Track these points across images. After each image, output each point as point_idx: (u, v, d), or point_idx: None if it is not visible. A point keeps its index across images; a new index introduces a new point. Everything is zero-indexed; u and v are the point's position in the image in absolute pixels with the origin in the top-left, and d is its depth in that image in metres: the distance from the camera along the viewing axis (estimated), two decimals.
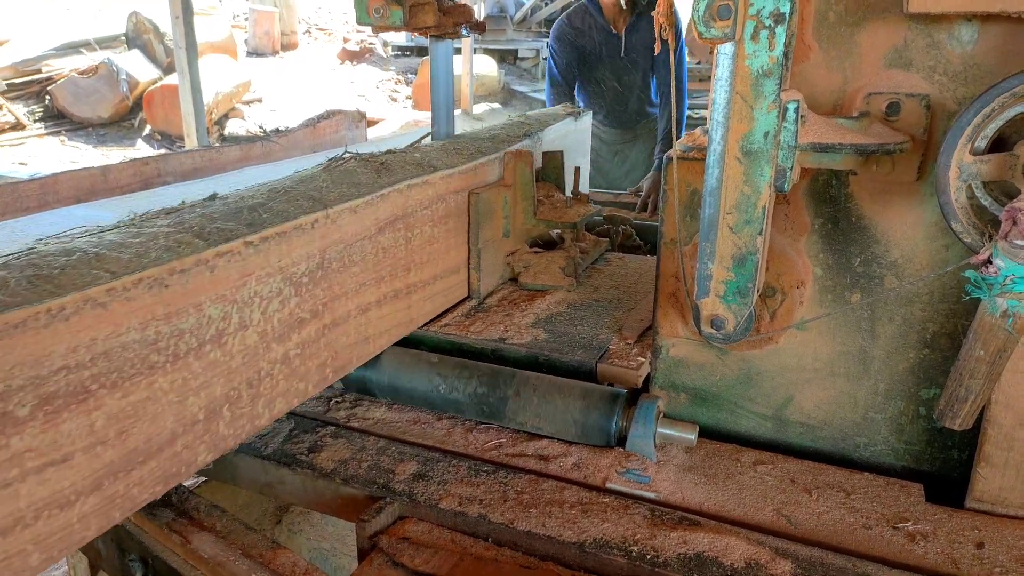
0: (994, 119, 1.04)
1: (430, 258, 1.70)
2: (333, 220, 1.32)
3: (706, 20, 1.07)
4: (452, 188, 1.76)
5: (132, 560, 1.28)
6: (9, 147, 8.52)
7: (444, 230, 1.75)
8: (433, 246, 1.70)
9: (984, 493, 1.30)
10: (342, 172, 1.50)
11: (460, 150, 1.91)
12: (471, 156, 1.90)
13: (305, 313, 1.28)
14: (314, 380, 1.33)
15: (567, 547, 1.22)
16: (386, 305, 1.53)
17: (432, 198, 1.67)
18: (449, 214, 1.76)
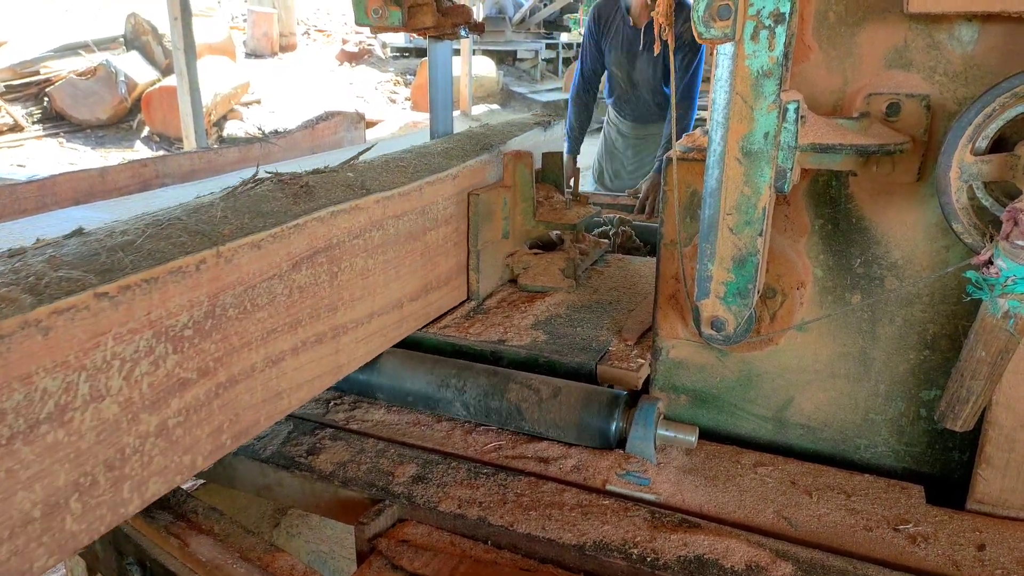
0: (995, 119, 1.04)
1: (365, 293, 1.47)
2: (228, 259, 1.11)
3: (706, 20, 1.07)
4: (391, 213, 1.52)
5: (130, 563, 1.27)
6: (7, 149, 8.51)
7: (382, 261, 1.51)
8: (367, 279, 1.47)
9: (985, 495, 1.29)
10: (250, 198, 1.29)
11: (404, 168, 1.68)
12: (415, 175, 1.66)
13: (189, 372, 1.06)
14: (205, 450, 1.12)
15: (567, 550, 1.22)
16: (306, 352, 1.32)
17: (365, 225, 1.44)
18: (387, 242, 1.52)
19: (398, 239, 1.57)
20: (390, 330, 1.60)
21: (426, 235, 1.68)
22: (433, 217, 1.71)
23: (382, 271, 1.53)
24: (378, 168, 1.62)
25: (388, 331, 1.60)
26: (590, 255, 2.37)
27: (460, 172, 1.81)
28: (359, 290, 1.46)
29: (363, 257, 1.46)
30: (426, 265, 1.71)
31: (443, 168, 1.76)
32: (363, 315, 1.48)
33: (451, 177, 1.78)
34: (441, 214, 1.74)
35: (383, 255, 1.52)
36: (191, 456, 1.10)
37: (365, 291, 1.47)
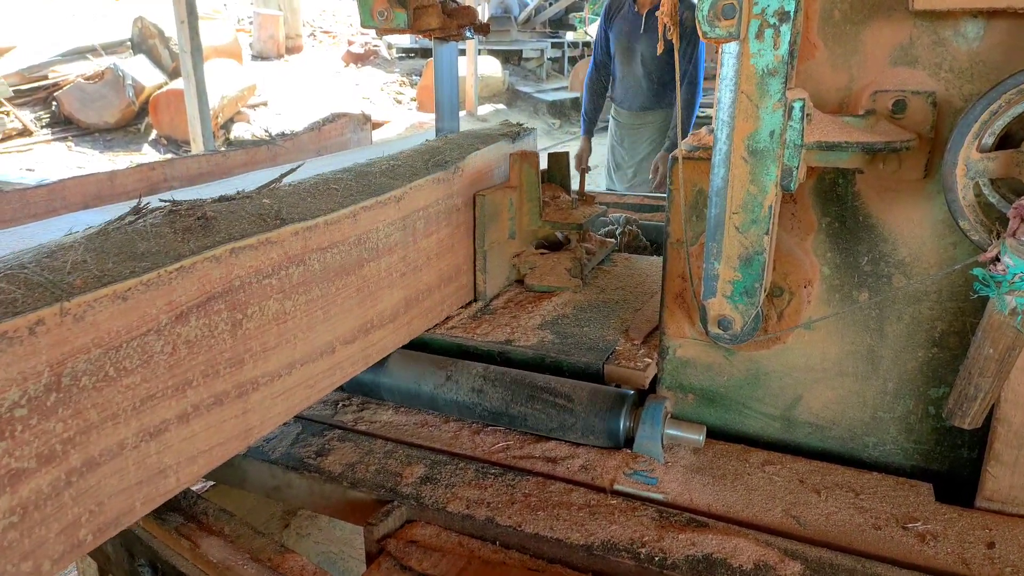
0: (1001, 116, 1.03)
1: (282, 341, 1.25)
2: (78, 317, 0.91)
3: (710, 19, 1.07)
4: (315, 245, 1.30)
5: (141, 565, 1.28)
6: (16, 153, 8.57)
7: (304, 301, 1.29)
8: (285, 325, 1.25)
9: (994, 492, 1.29)
10: (125, 236, 1.05)
11: (335, 191, 1.45)
12: (348, 199, 1.42)
13: (25, 461, 0.87)
14: (55, 552, 0.92)
15: (575, 550, 1.22)
16: (199, 418, 1.10)
17: (279, 262, 1.23)
18: (310, 280, 1.30)
19: (326, 275, 1.34)
20: (320, 379, 1.36)
21: (364, 267, 1.44)
22: (372, 247, 1.46)
23: (304, 313, 1.29)
24: (304, 193, 1.38)
25: (317, 381, 1.36)
26: (596, 255, 2.37)
27: (406, 193, 1.56)
28: (273, 338, 1.23)
29: (278, 299, 1.23)
30: (365, 302, 1.46)
31: (384, 190, 1.50)
32: (280, 366, 1.25)
33: (394, 200, 1.52)
34: (383, 242, 1.49)
35: (305, 295, 1.29)
36: (32, 562, 0.89)
37: (282, 339, 1.25)
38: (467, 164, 1.85)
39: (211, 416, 1.13)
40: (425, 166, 1.73)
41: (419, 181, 1.62)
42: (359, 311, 1.46)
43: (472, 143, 1.98)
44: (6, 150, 8.59)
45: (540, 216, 2.19)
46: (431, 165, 1.74)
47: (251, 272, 1.17)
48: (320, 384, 1.37)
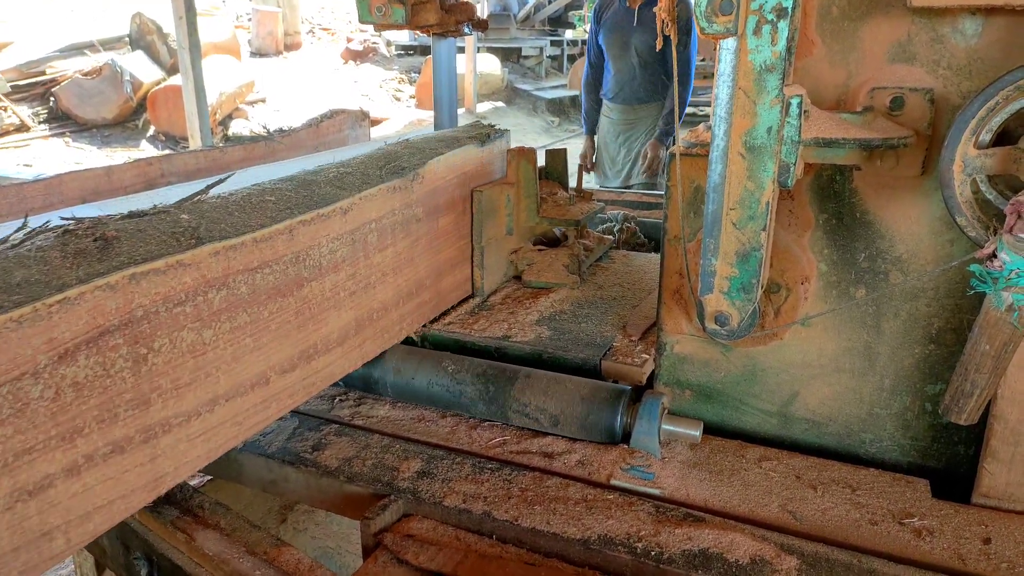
0: (998, 112, 1.04)
1: (200, 375, 1.11)
2: None
3: (708, 15, 1.07)
4: (241, 266, 1.16)
5: (136, 558, 1.28)
6: (14, 149, 8.55)
7: (228, 329, 1.15)
8: (203, 357, 1.11)
9: (991, 488, 1.29)
10: (1, 263, 0.92)
11: (270, 203, 1.30)
12: (283, 213, 1.27)
13: None
14: None
15: (572, 544, 1.22)
16: (94, 469, 0.97)
17: (196, 286, 1.08)
18: (236, 304, 1.16)
19: (256, 298, 1.19)
20: (250, 415, 1.22)
21: (304, 288, 1.30)
22: (314, 264, 1.32)
23: (229, 343, 1.15)
24: (233, 206, 1.23)
25: (247, 417, 1.21)
26: (594, 251, 2.37)
27: (354, 205, 1.41)
28: (188, 373, 1.08)
29: (195, 329, 1.09)
30: (306, 326, 1.32)
31: (329, 201, 1.36)
32: (199, 404, 1.11)
33: (340, 212, 1.37)
34: (327, 259, 1.36)
35: (230, 322, 1.15)
36: None
37: (200, 373, 1.11)
38: (428, 170, 1.68)
39: (109, 466, 0.99)
40: (379, 173, 1.55)
41: (371, 190, 1.47)
42: (298, 336, 1.31)
43: (435, 147, 1.79)
44: (3, 145, 8.58)
45: (538, 212, 2.19)
46: (386, 172, 1.57)
47: (158, 300, 1.02)
48: (251, 420, 1.22)
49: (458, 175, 1.83)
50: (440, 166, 1.74)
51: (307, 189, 1.39)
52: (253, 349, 1.20)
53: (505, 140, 2.11)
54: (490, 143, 2.00)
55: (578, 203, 2.32)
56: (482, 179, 1.96)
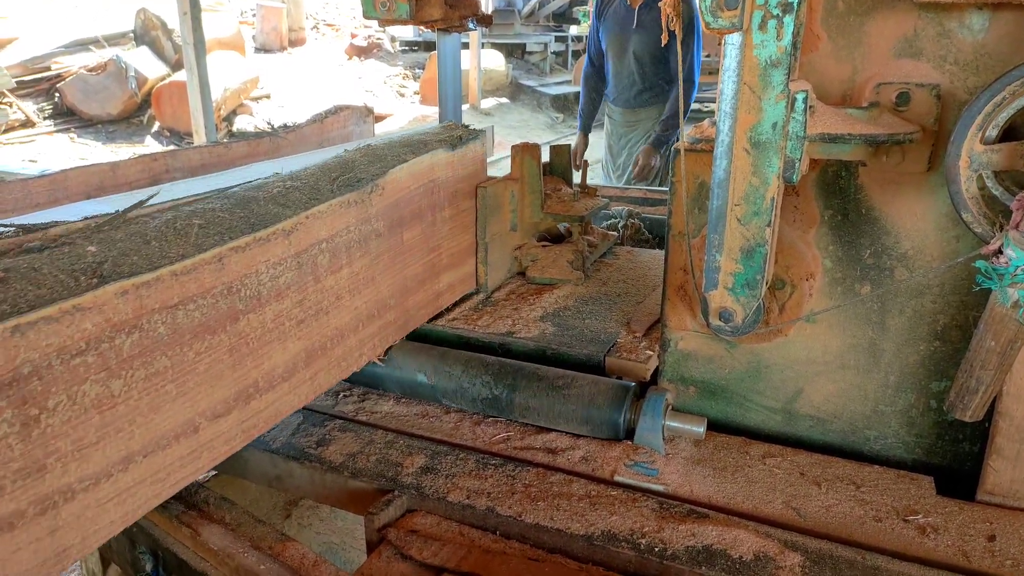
0: (1005, 108, 1.03)
1: (110, 431, 0.98)
2: None
3: (713, 10, 1.06)
4: (157, 304, 1.02)
5: (142, 552, 1.29)
6: (19, 144, 8.57)
7: (144, 376, 1.01)
8: (111, 412, 0.97)
9: (996, 486, 1.29)
10: None
11: (201, 226, 1.15)
12: (207, 241, 1.11)
13: None
14: None
15: (575, 540, 1.22)
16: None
17: (99, 333, 0.94)
18: (154, 347, 1.02)
19: (178, 338, 1.06)
20: (176, 468, 1.09)
21: (239, 322, 1.17)
22: (251, 295, 1.18)
23: (145, 392, 1.02)
24: (151, 234, 1.08)
25: (172, 471, 1.08)
26: (599, 247, 2.37)
27: (300, 224, 1.27)
28: (94, 430, 0.95)
29: (100, 380, 0.95)
30: (243, 363, 1.18)
31: (268, 222, 1.22)
32: (108, 464, 0.98)
33: (282, 234, 1.24)
34: (267, 287, 1.21)
35: (145, 368, 1.01)
36: None
37: (108, 429, 0.97)
38: (389, 181, 1.51)
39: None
40: (331, 186, 1.40)
41: (320, 207, 1.32)
42: (234, 376, 1.17)
43: (398, 153, 1.62)
44: (9, 141, 8.60)
45: (542, 208, 2.19)
46: (339, 185, 1.41)
47: (51, 352, 0.89)
48: (178, 474, 1.09)
49: (425, 184, 1.66)
50: (403, 175, 1.57)
51: (245, 208, 1.23)
52: (176, 396, 1.07)
53: (481, 142, 1.92)
54: (463, 146, 1.82)
55: (582, 199, 2.31)
56: (455, 186, 1.80)
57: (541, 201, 2.19)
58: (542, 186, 2.18)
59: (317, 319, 1.35)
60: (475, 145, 1.88)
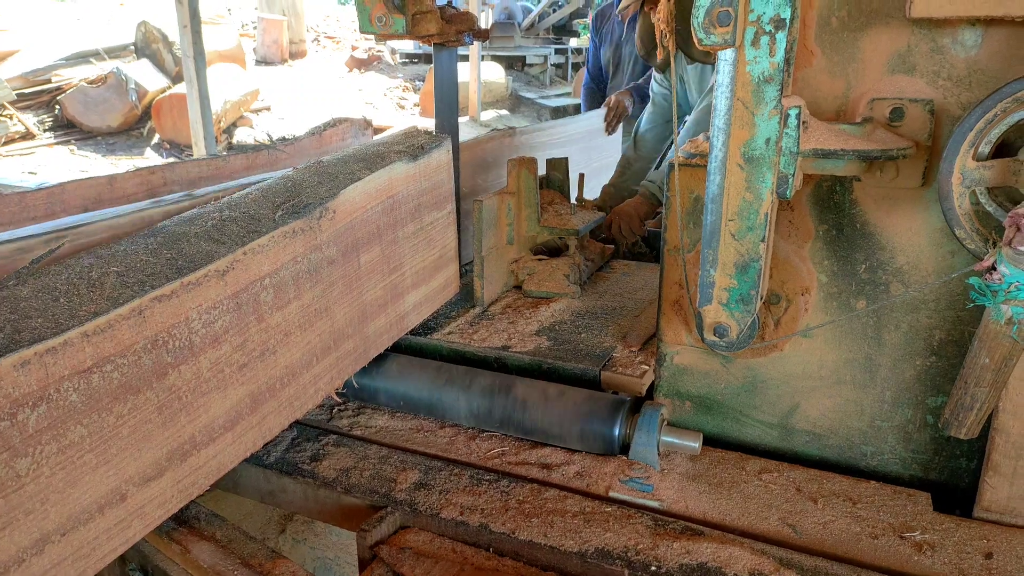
0: (997, 124, 1.03)
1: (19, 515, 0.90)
2: None
3: (706, 26, 1.06)
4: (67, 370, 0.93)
5: (132, 569, 1.28)
6: (19, 156, 8.59)
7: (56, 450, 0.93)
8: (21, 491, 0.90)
9: (992, 502, 1.28)
10: None
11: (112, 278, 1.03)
12: (124, 292, 1.01)
13: None
14: None
15: (569, 557, 1.21)
16: None
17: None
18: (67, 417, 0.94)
19: (95, 403, 0.96)
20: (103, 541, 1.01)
21: (168, 376, 1.06)
22: (181, 345, 1.08)
23: (58, 466, 0.93)
24: (60, 289, 0.98)
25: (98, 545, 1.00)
26: (595, 261, 2.37)
27: (236, 263, 1.15)
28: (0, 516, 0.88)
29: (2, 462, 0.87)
30: (175, 419, 1.08)
31: (198, 263, 1.10)
32: (19, 549, 0.90)
33: (216, 275, 1.12)
34: (200, 335, 1.11)
35: (56, 441, 0.93)
36: None
37: (17, 512, 0.90)
38: (341, 203, 1.38)
39: None
40: (273, 215, 1.27)
41: (260, 241, 1.20)
42: (165, 435, 1.07)
43: (352, 170, 1.47)
44: (9, 153, 8.62)
45: (538, 222, 2.19)
46: (282, 213, 1.28)
47: None
48: (105, 547, 1.02)
49: (383, 201, 1.51)
50: (357, 194, 1.43)
51: (173, 248, 1.12)
52: (97, 465, 0.98)
53: (446, 150, 1.75)
54: (425, 156, 1.65)
55: (579, 212, 2.31)
56: (417, 199, 1.65)
57: (538, 214, 2.18)
58: (538, 199, 2.18)
59: (263, 360, 1.25)
60: (440, 153, 1.72)
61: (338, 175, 1.45)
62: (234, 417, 1.20)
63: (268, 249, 1.23)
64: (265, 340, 1.25)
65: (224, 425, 1.18)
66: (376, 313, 1.56)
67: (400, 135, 1.79)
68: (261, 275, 1.22)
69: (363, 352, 1.54)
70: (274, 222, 1.26)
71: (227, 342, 1.17)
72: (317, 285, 1.36)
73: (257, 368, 1.24)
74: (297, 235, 1.29)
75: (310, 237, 1.32)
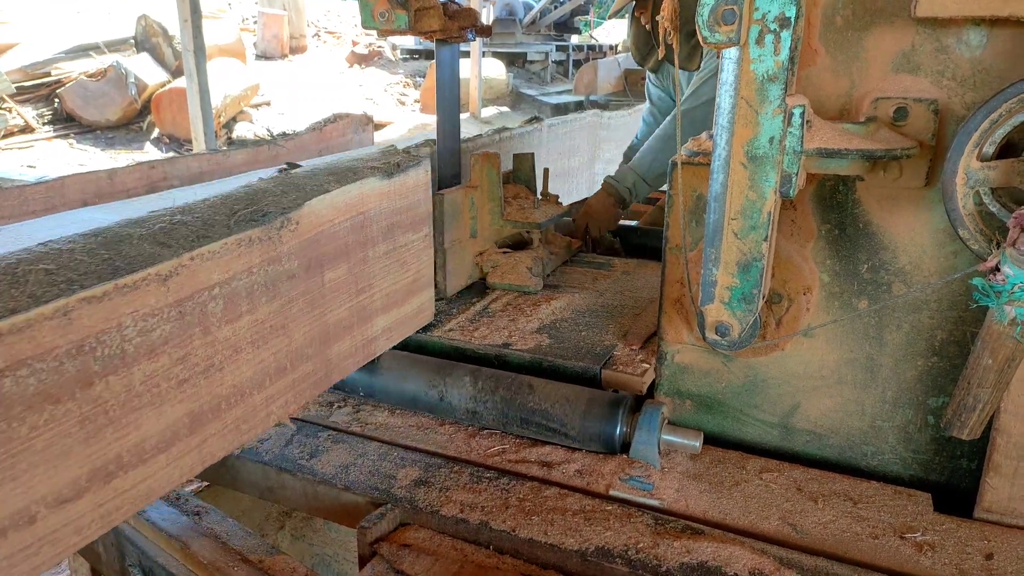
0: (1002, 124, 1.03)
1: None
2: None
3: (710, 24, 1.06)
4: None
5: (131, 565, 1.28)
6: (18, 150, 8.58)
7: None
8: None
9: (993, 503, 1.28)
10: None
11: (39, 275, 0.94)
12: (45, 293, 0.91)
13: None
14: None
15: (569, 555, 1.21)
16: None
17: None
18: None
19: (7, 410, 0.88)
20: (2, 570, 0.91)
21: (94, 386, 0.97)
22: (111, 353, 0.99)
23: None
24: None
25: None
26: (559, 255, 2.40)
27: (182, 267, 1.07)
28: None
29: None
30: (99, 435, 1.00)
31: (138, 265, 1.01)
32: None
33: (157, 279, 1.03)
34: (135, 343, 1.02)
35: None
36: None
37: None
38: (306, 214, 1.30)
39: None
40: (228, 221, 1.19)
41: (211, 246, 1.12)
42: (87, 452, 0.98)
43: (321, 182, 1.40)
44: (8, 147, 8.61)
45: (501, 215, 2.22)
46: (240, 219, 1.20)
47: None
48: None
49: (352, 217, 1.44)
50: (324, 207, 1.36)
51: (113, 248, 1.03)
52: (3, 481, 0.88)
53: (425, 170, 1.64)
54: (401, 174, 1.57)
55: (542, 206, 2.34)
56: (391, 219, 1.56)
57: (501, 208, 2.22)
58: (502, 193, 2.22)
59: (207, 377, 1.15)
60: (417, 172, 1.62)
61: (305, 186, 1.37)
62: (170, 438, 1.09)
63: (220, 256, 1.13)
64: (211, 355, 1.15)
65: (157, 446, 1.07)
66: (340, 335, 1.46)
67: (377, 152, 1.68)
68: (210, 284, 1.12)
69: (324, 376, 1.43)
70: (229, 228, 1.16)
71: (166, 354, 1.07)
72: (275, 300, 1.27)
73: (200, 385, 1.13)
74: (254, 244, 1.20)
75: (269, 247, 1.23)
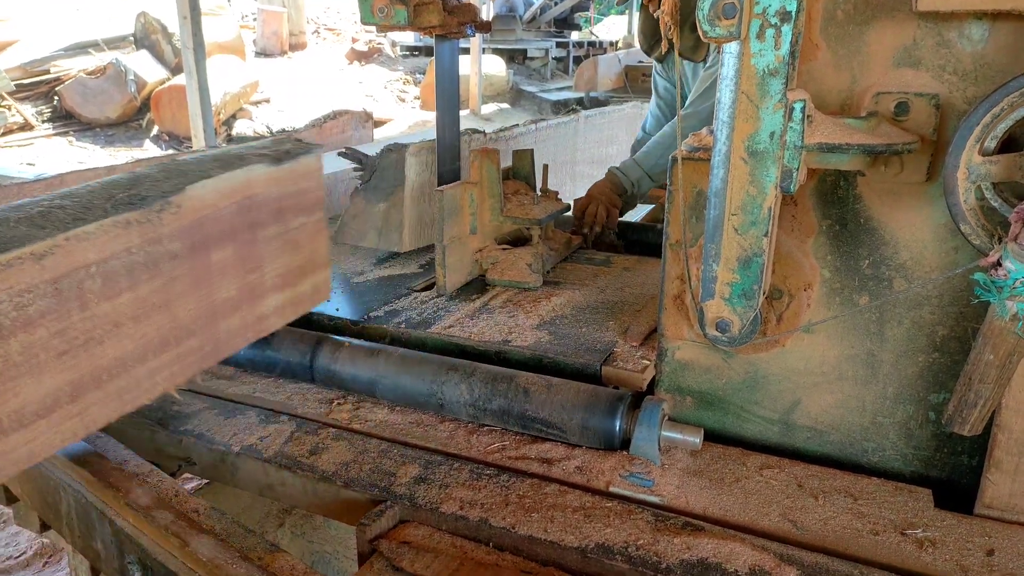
0: (1003, 119, 1.02)
1: None
2: None
3: (711, 18, 1.05)
4: None
5: (130, 562, 1.27)
6: (17, 147, 8.57)
7: None
8: None
9: (994, 499, 1.28)
10: None
11: None
12: None
13: None
14: None
15: (569, 552, 1.21)
16: None
17: None
18: None
19: None
20: None
21: None
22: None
23: None
24: None
25: None
26: (559, 251, 2.40)
27: (56, 247, 1.12)
28: None
29: None
30: None
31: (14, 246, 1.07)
32: None
33: (32, 258, 1.09)
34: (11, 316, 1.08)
35: None
36: None
37: None
38: (189, 198, 1.33)
39: None
40: (106, 204, 1.23)
41: (87, 227, 1.17)
42: None
43: (206, 168, 1.42)
44: (7, 144, 8.60)
45: (501, 211, 2.22)
46: (118, 203, 1.24)
47: None
48: None
49: (239, 201, 1.46)
50: (208, 191, 1.39)
51: None
52: None
53: (316, 157, 1.66)
54: (291, 161, 1.59)
55: (542, 203, 2.33)
56: (280, 203, 1.57)
57: (501, 204, 2.21)
58: (501, 189, 2.21)
59: (87, 349, 1.19)
60: (308, 159, 1.63)
61: (188, 172, 1.40)
62: (50, 404, 1.14)
63: (95, 237, 1.16)
64: (90, 329, 1.19)
65: (37, 412, 1.12)
66: (229, 312, 1.49)
67: (268, 142, 1.71)
68: (86, 262, 1.16)
69: (212, 351, 1.45)
70: (106, 211, 1.20)
71: (44, 327, 1.11)
72: (156, 279, 1.30)
73: (80, 356, 1.18)
74: (132, 226, 1.23)
75: (148, 229, 1.26)
